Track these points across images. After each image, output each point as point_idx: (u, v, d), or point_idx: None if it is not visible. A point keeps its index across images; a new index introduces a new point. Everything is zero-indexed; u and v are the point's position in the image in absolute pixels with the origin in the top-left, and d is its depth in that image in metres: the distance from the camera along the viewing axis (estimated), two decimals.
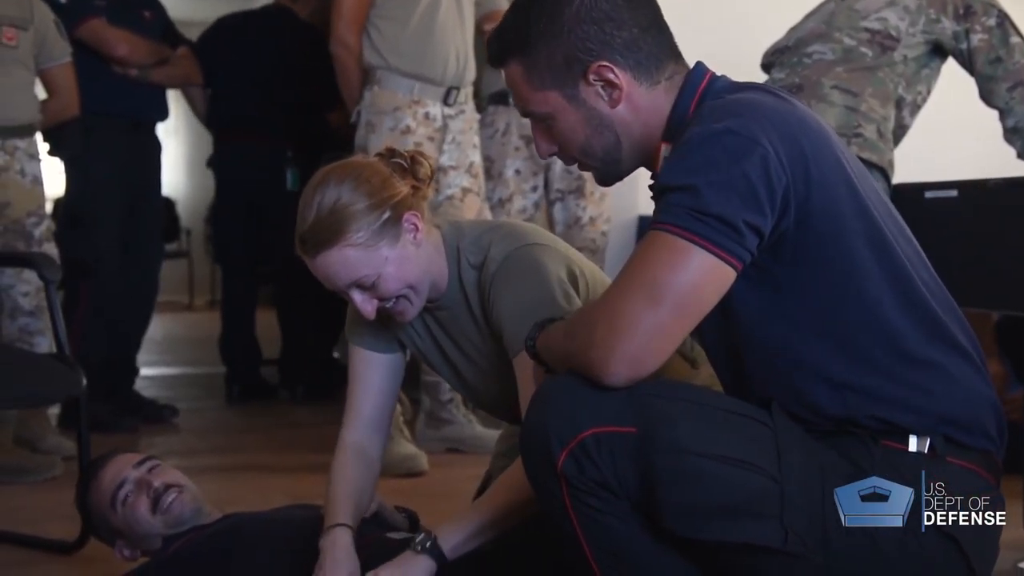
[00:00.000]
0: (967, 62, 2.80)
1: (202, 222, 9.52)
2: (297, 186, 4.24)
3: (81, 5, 3.77)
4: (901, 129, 2.86)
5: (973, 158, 3.49)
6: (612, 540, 1.39)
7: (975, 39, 2.75)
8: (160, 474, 1.98)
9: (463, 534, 1.66)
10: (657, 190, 1.39)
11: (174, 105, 4.43)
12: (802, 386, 1.41)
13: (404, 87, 3.26)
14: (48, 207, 3.56)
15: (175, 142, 9.11)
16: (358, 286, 1.71)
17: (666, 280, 1.32)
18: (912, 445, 1.39)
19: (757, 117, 1.37)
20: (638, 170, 1.58)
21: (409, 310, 1.76)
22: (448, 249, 1.80)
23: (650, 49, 1.48)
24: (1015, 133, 2.74)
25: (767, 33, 3.14)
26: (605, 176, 1.57)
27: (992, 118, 2.81)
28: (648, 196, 1.52)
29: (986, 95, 2.79)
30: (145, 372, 4.68)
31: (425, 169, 1.76)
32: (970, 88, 2.83)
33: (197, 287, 9.76)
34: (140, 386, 4.30)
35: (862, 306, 1.39)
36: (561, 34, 1.46)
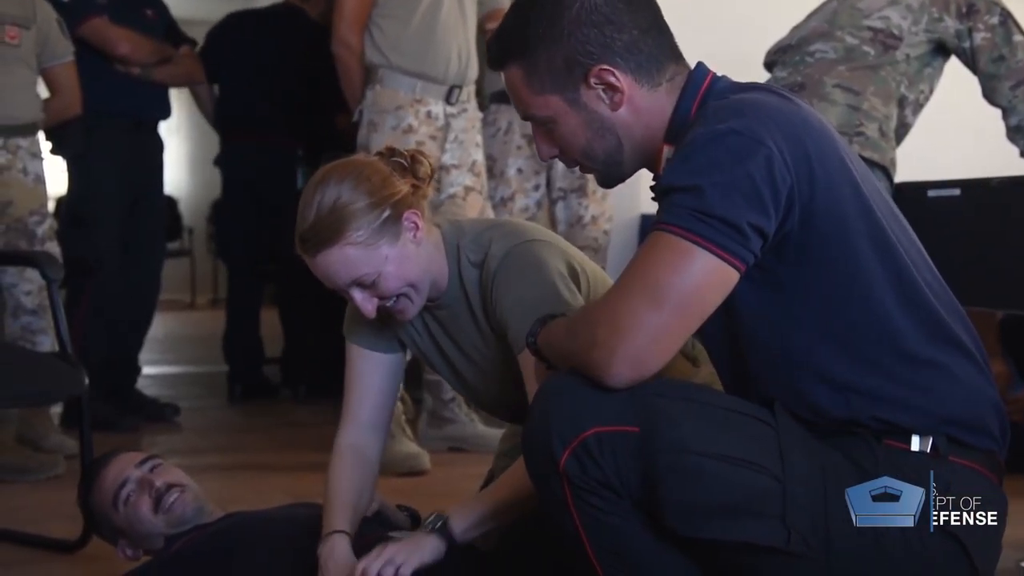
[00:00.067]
0: (970, 61, 2.79)
1: (204, 221, 9.54)
2: None
3: (83, 4, 3.77)
4: (903, 128, 2.86)
5: (976, 157, 3.49)
6: (614, 539, 1.39)
7: (978, 37, 2.75)
8: (162, 473, 1.98)
9: (474, 518, 1.66)
10: (661, 190, 1.39)
11: (176, 104, 4.42)
12: (804, 387, 1.41)
13: (406, 86, 3.26)
14: (50, 206, 3.56)
15: (177, 141, 9.11)
16: (358, 285, 1.70)
17: (669, 281, 1.32)
18: (915, 445, 1.39)
19: (761, 117, 1.37)
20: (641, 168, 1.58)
21: (409, 309, 1.76)
22: (448, 248, 1.80)
23: (651, 51, 1.48)
24: (1018, 132, 2.74)
25: (767, 33, 3.14)
26: (607, 178, 1.56)
27: (995, 117, 2.81)
28: (650, 195, 1.52)
29: (989, 94, 2.79)
30: (147, 371, 4.68)
31: (425, 168, 1.76)
32: (973, 87, 2.83)
33: (199, 286, 9.76)
34: (142, 385, 4.31)
35: (865, 307, 1.39)
36: (561, 38, 1.46)
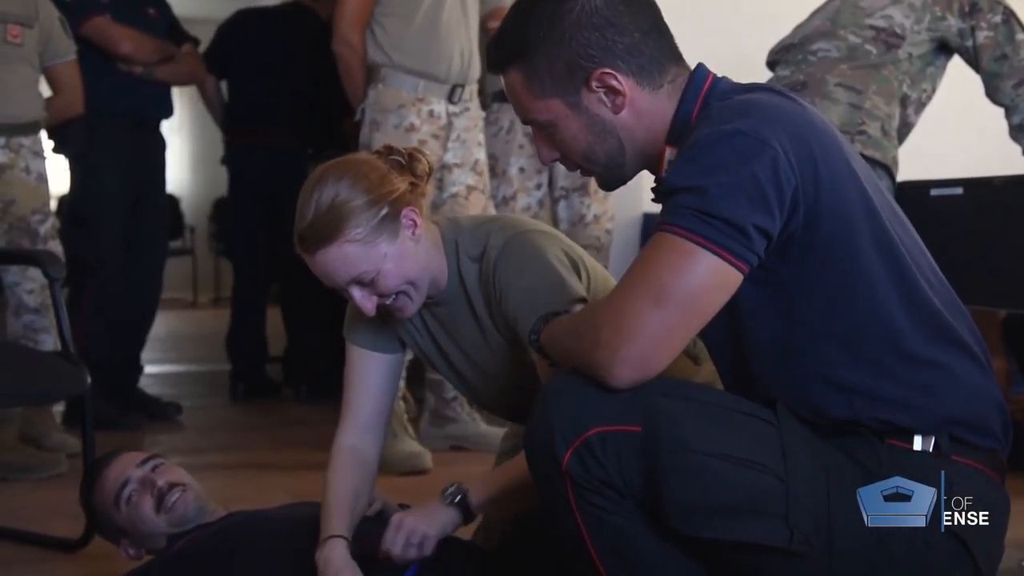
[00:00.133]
0: (973, 59, 2.79)
1: (206, 219, 9.54)
2: None
3: (86, 2, 3.76)
4: (906, 127, 2.86)
5: (978, 156, 3.49)
6: (617, 539, 1.39)
7: (981, 36, 2.74)
8: (164, 473, 1.98)
9: (491, 493, 1.68)
10: (665, 191, 1.38)
11: (178, 103, 4.43)
12: (807, 387, 1.41)
13: (408, 85, 3.25)
14: (53, 205, 3.56)
15: (179, 139, 9.12)
16: (357, 283, 1.70)
17: (672, 283, 1.32)
18: (917, 444, 1.39)
19: (767, 118, 1.37)
20: None
21: (409, 306, 1.76)
22: (447, 244, 1.80)
23: (652, 53, 1.47)
24: (1021, 130, 2.73)
25: (768, 32, 3.13)
26: (608, 181, 1.56)
27: (998, 116, 2.81)
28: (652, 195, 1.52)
29: (992, 92, 2.79)
30: (149, 370, 4.68)
31: (423, 166, 1.76)
32: (975, 85, 2.83)
33: (201, 284, 9.77)
34: (144, 383, 4.31)
35: (868, 307, 1.38)
36: (562, 41, 1.45)
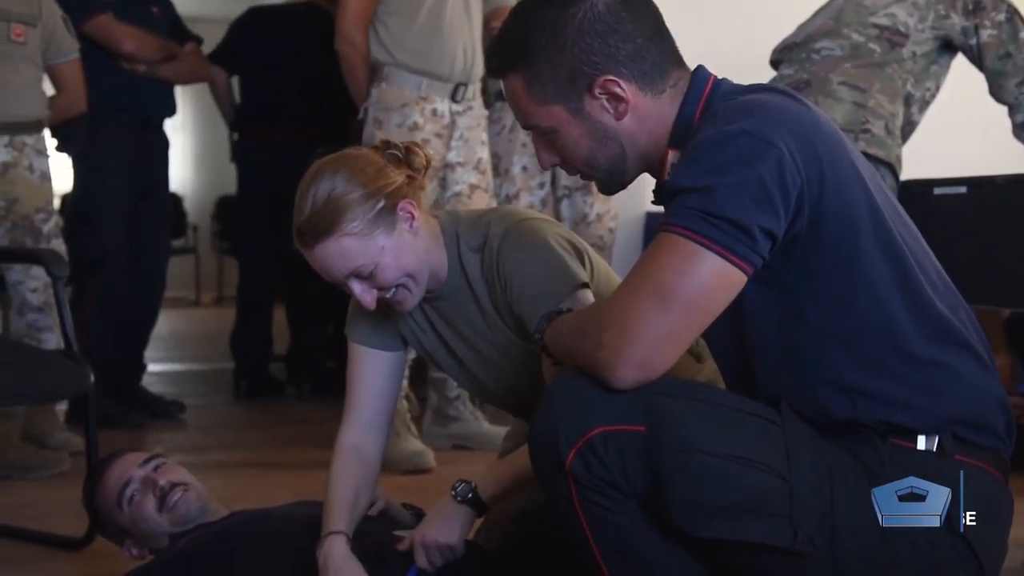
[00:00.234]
0: (976, 58, 2.79)
1: (209, 218, 9.55)
2: None
3: (89, 1, 3.76)
4: (910, 126, 2.86)
5: (982, 155, 3.49)
6: (620, 539, 1.39)
7: (984, 35, 2.74)
8: (166, 472, 1.98)
9: (501, 485, 1.69)
10: (669, 191, 1.38)
11: (181, 101, 4.43)
12: (810, 388, 1.41)
13: (411, 83, 3.25)
14: (56, 203, 3.56)
15: (182, 138, 9.13)
16: (356, 276, 1.71)
17: (676, 284, 1.32)
18: (921, 444, 1.39)
19: (772, 118, 1.36)
20: None
21: (408, 299, 1.76)
22: (447, 237, 1.81)
23: (654, 59, 1.46)
24: None
25: (767, 33, 3.13)
26: (609, 185, 1.55)
27: (1001, 114, 2.80)
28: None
29: (995, 91, 2.78)
30: (152, 368, 4.68)
31: (420, 159, 1.77)
32: (979, 84, 2.83)
33: (204, 283, 9.78)
34: (147, 382, 4.31)
35: (871, 308, 1.38)
36: (565, 48, 1.44)
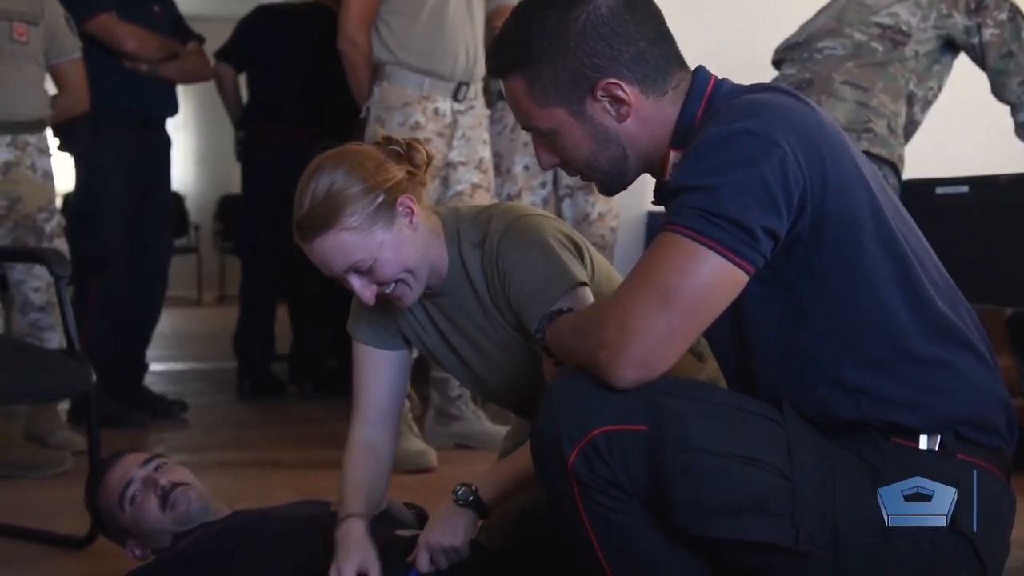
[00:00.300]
0: (979, 57, 2.79)
1: (211, 217, 9.56)
2: None
3: (91, 0, 3.77)
4: (912, 125, 2.85)
5: (984, 154, 3.49)
6: (623, 539, 1.39)
7: (987, 34, 2.74)
8: (167, 472, 1.98)
9: (502, 487, 1.70)
10: (671, 190, 1.38)
11: (183, 100, 4.43)
12: (812, 387, 1.41)
13: (414, 83, 3.25)
14: (58, 202, 3.56)
15: (184, 137, 9.13)
16: (355, 271, 1.71)
17: (677, 283, 1.31)
18: (923, 443, 1.39)
19: (776, 118, 1.36)
20: None
21: (408, 295, 1.77)
22: (448, 233, 1.81)
23: (657, 62, 1.46)
24: None
25: (766, 32, 3.13)
26: (609, 187, 1.55)
27: (1004, 114, 2.80)
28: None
29: (998, 90, 2.78)
30: (154, 368, 4.69)
31: (421, 155, 1.77)
32: (981, 83, 2.82)
33: (206, 282, 9.78)
34: (149, 381, 4.31)
35: (873, 307, 1.38)
36: (567, 51, 1.43)
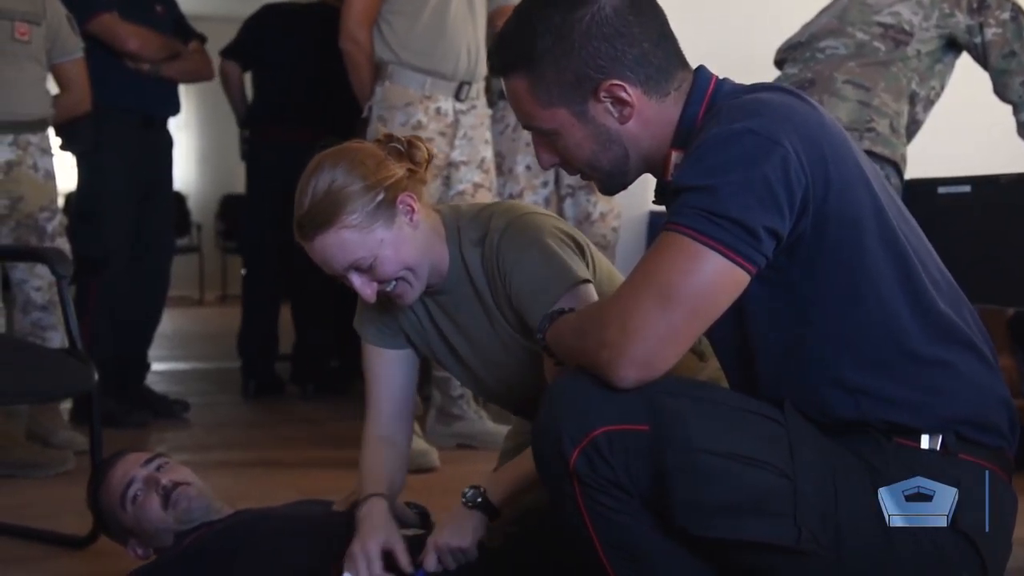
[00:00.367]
0: (981, 56, 2.79)
1: (213, 217, 9.56)
2: None
3: (93, 0, 3.77)
4: (914, 124, 2.85)
5: (986, 154, 3.48)
6: (624, 538, 1.39)
7: (989, 33, 2.74)
8: (168, 471, 1.98)
9: (510, 489, 1.70)
10: (673, 190, 1.38)
11: (185, 100, 4.43)
12: (813, 387, 1.41)
13: (415, 82, 3.26)
14: (60, 202, 3.56)
15: (186, 137, 9.13)
16: (355, 268, 1.72)
17: (679, 283, 1.31)
18: (924, 443, 1.39)
19: (778, 117, 1.36)
20: None
21: (408, 292, 1.77)
22: (448, 231, 1.81)
23: (660, 63, 1.46)
24: None
25: (766, 32, 3.13)
26: (609, 187, 1.54)
27: (1006, 113, 2.80)
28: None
29: (1000, 89, 2.78)
30: (156, 367, 4.69)
31: (422, 153, 1.77)
32: (984, 83, 2.82)
33: (208, 282, 9.78)
34: (151, 381, 4.32)
35: (875, 307, 1.38)
36: (571, 51, 1.43)
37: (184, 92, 4.26)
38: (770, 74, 3.02)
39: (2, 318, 3.26)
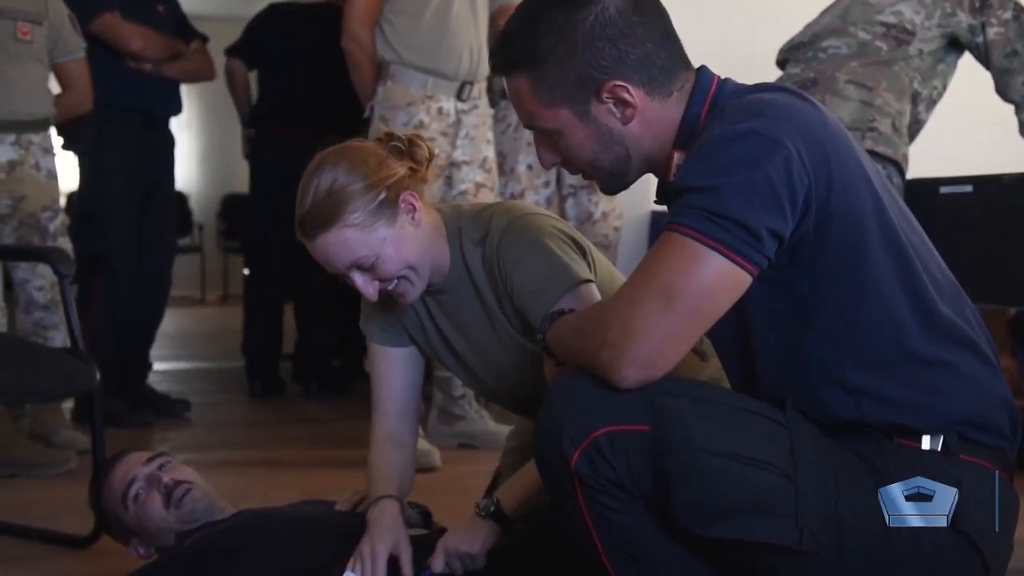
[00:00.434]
0: (983, 56, 2.78)
1: (215, 217, 9.56)
2: None
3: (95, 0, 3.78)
4: (917, 124, 2.85)
5: (988, 153, 3.48)
6: (625, 539, 1.39)
7: (991, 32, 2.74)
8: (171, 471, 1.98)
9: (522, 497, 1.71)
10: (676, 190, 1.38)
11: (187, 99, 4.43)
12: (815, 388, 1.41)
13: (417, 82, 3.26)
14: (62, 202, 3.57)
15: (188, 136, 9.13)
16: (357, 267, 1.72)
17: (680, 284, 1.31)
18: (925, 443, 1.39)
19: (780, 117, 1.36)
20: None
21: (410, 291, 1.77)
22: (449, 230, 1.82)
23: (663, 64, 1.46)
24: None
25: (767, 32, 3.13)
26: (611, 186, 1.54)
27: (1008, 113, 2.80)
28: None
29: (1002, 89, 2.78)
30: (158, 367, 4.69)
31: (423, 151, 1.77)
32: (986, 82, 2.82)
33: (209, 282, 9.78)
34: (153, 380, 4.32)
35: (876, 308, 1.38)
36: (574, 52, 1.43)
37: (186, 92, 4.26)
38: (771, 74, 3.02)
39: (4, 318, 3.26)
